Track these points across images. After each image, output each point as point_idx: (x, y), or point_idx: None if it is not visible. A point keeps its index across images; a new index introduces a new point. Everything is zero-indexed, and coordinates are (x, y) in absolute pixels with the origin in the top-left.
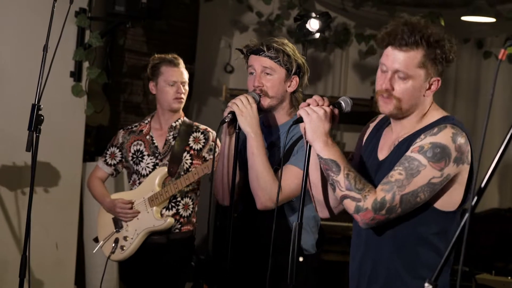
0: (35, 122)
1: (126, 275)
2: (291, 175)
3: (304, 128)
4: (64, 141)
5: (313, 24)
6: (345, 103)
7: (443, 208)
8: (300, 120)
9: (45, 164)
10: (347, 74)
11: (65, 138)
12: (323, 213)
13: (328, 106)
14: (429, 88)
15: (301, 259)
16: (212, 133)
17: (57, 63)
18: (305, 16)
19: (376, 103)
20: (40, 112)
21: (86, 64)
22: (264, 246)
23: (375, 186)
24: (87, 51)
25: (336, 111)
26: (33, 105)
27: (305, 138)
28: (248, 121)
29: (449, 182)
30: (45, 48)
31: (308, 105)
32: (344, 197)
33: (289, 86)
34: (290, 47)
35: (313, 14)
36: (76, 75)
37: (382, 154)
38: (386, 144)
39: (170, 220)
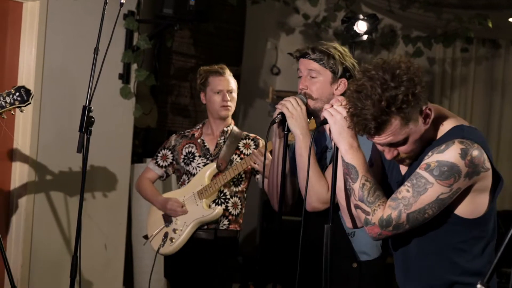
0: (86, 123)
1: (171, 271)
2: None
3: (329, 129)
4: (112, 143)
5: (361, 26)
6: None
7: (469, 216)
8: (325, 121)
9: (94, 165)
10: None
11: (113, 140)
12: (347, 222)
13: None
14: (425, 121)
15: (354, 265)
16: (262, 141)
17: (106, 66)
18: (352, 18)
19: None
20: (90, 114)
21: (134, 66)
22: (314, 248)
23: None
24: (136, 53)
25: None
26: (84, 107)
27: (331, 139)
28: (298, 123)
29: (469, 193)
30: (96, 51)
31: (332, 106)
32: (357, 206)
33: (336, 89)
34: (338, 50)
35: (361, 16)
36: (124, 77)
37: (403, 169)
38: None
39: (219, 210)
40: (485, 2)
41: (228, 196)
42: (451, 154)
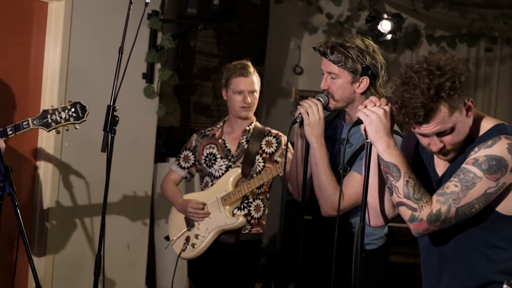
0: (110, 123)
1: (195, 273)
2: (355, 182)
3: (365, 130)
4: (136, 142)
5: (385, 25)
6: None
7: (508, 213)
8: (359, 121)
9: (117, 164)
10: None
11: (137, 139)
12: (376, 221)
13: (386, 104)
14: (467, 113)
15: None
16: (284, 138)
17: (130, 65)
18: (376, 17)
19: None
20: (115, 113)
21: (158, 66)
22: (330, 245)
23: None
24: (159, 53)
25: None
26: (109, 106)
27: (366, 139)
28: (314, 132)
29: (510, 188)
30: (121, 50)
31: (366, 107)
32: (401, 204)
33: (358, 87)
34: (358, 49)
35: (385, 16)
36: (148, 76)
37: (439, 170)
38: (441, 160)
39: (242, 219)
40: (510, 1)
41: (251, 200)
42: (499, 148)
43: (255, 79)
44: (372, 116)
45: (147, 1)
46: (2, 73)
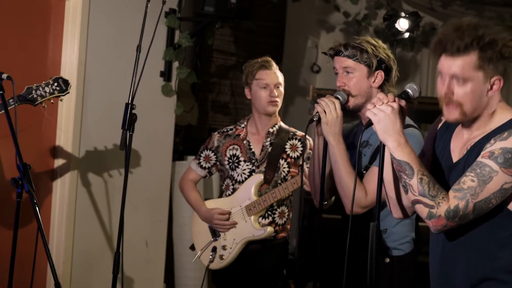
0: (129, 121)
1: (219, 280)
2: (376, 177)
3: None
4: (154, 140)
5: (403, 24)
6: (412, 90)
7: None
8: (370, 122)
9: (135, 162)
10: (435, 73)
11: (155, 137)
12: (397, 213)
13: (394, 101)
14: (491, 88)
15: (387, 260)
16: (310, 141)
17: (147, 63)
18: (394, 15)
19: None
20: (133, 111)
21: (175, 64)
22: (357, 247)
23: (448, 187)
24: (177, 51)
25: (403, 102)
26: (127, 104)
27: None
28: (332, 130)
29: None
30: (138, 48)
31: (375, 106)
32: (417, 201)
33: (373, 82)
34: (370, 43)
35: (403, 14)
36: (166, 75)
37: (454, 156)
38: (457, 146)
39: (270, 230)
40: None
41: (275, 207)
42: None
43: (279, 73)
44: (380, 115)
45: None
46: (20, 72)
